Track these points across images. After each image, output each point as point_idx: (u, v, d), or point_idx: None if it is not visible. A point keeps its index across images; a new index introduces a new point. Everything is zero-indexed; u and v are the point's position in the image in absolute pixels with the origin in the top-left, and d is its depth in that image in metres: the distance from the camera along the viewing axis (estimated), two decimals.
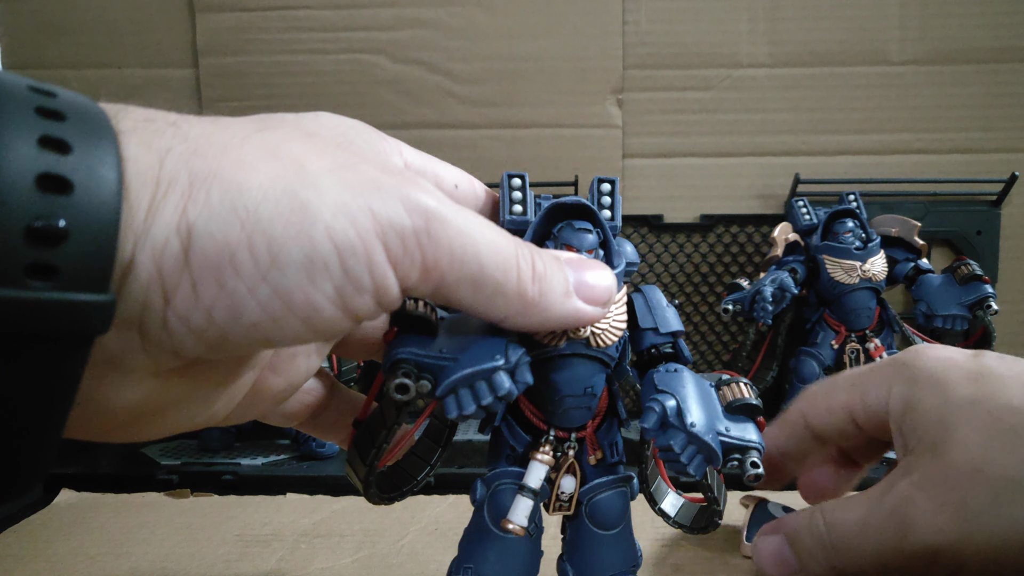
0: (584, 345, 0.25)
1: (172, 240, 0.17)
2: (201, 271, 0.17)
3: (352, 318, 0.19)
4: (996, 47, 0.72)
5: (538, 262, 0.22)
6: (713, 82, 0.73)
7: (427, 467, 0.27)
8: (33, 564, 0.43)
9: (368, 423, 0.26)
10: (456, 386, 0.22)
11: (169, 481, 0.56)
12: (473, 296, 0.21)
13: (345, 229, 0.18)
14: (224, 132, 0.19)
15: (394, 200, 0.19)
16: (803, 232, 0.65)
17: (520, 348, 0.23)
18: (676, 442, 0.25)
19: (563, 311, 0.22)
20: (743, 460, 0.25)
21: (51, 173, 0.15)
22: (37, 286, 0.15)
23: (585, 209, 0.26)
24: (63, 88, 0.17)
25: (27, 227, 0.15)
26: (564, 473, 0.27)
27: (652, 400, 0.25)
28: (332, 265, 0.18)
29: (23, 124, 0.15)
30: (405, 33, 0.73)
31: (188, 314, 0.17)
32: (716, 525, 0.31)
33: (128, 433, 0.21)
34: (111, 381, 0.18)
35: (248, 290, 0.17)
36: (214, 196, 0.17)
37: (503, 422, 0.28)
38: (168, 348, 0.18)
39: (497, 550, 0.27)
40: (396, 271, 0.19)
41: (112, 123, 0.17)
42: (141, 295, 0.17)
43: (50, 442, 0.16)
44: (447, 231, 0.19)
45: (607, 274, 0.24)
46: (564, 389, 0.26)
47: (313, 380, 0.29)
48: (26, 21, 0.74)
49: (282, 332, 0.19)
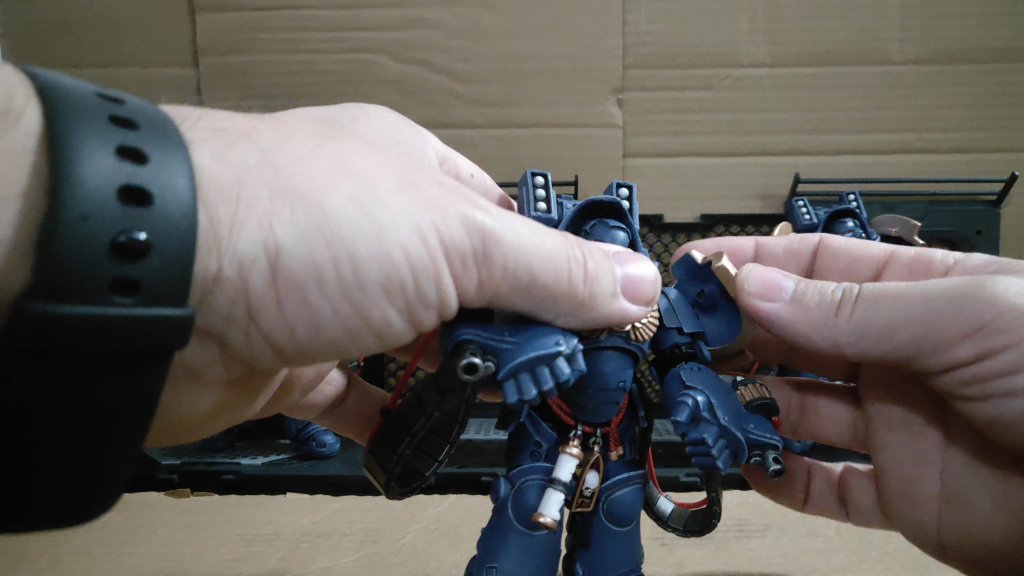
0: (624, 339, 0.26)
1: (259, 257, 0.17)
2: (287, 288, 0.17)
3: (416, 331, 0.20)
4: (996, 47, 0.72)
5: (590, 261, 0.22)
6: (713, 82, 0.73)
7: (435, 463, 0.27)
8: (34, 564, 0.43)
9: (401, 410, 0.26)
10: (518, 370, 0.22)
11: (170, 481, 0.56)
12: (525, 303, 0.21)
13: (418, 249, 0.19)
14: (293, 141, 0.19)
15: (455, 220, 0.19)
16: (803, 231, 0.65)
17: (574, 336, 0.23)
18: (709, 435, 0.25)
19: (610, 311, 0.23)
20: (764, 456, 0.26)
21: (132, 185, 0.15)
22: (122, 302, 0.14)
23: (617, 208, 0.27)
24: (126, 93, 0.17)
25: (112, 241, 0.14)
26: (589, 469, 0.27)
27: (684, 395, 0.26)
28: (407, 283, 0.19)
29: (100, 134, 0.15)
30: (407, 33, 0.73)
31: (271, 330, 0.18)
32: (713, 527, 0.31)
33: (187, 437, 0.21)
34: (188, 392, 0.18)
35: (332, 308, 0.18)
36: (298, 215, 0.17)
37: (527, 418, 0.28)
38: (245, 360, 0.18)
39: (521, 548, 0.27)
40: (457, 287, 0.20)
41: (181, 131, 0.17)
42: (226, 309, 0.17)
43: (132, 456, 0.16)
44: (502, 248, 0.20)
45: (651, 271, 0.24)
46: (599, 382, 0.26)
47: (335, 371, 0.29)
48: (27, 20, 0.74)
49: (356, 347, 0.19)
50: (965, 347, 0.22)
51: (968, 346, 0.22)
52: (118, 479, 0.16)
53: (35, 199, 0.14)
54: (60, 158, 0.14)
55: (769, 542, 0.44)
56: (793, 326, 0.25)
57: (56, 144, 0.14)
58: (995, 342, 0.22)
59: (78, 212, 0.14)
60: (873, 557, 0.42)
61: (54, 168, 0.14)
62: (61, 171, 0.14)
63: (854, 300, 0.24)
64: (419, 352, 0.27)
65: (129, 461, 0.16)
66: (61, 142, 0.14)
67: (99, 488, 0.16)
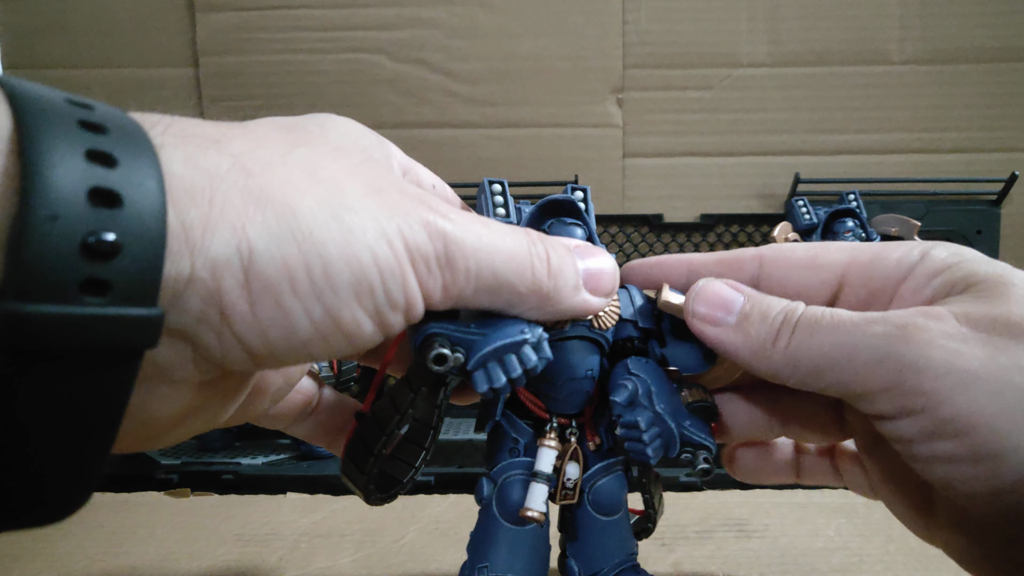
0: (587, 328, 0.27)
1: (232, 259, 0.17)
2: (260, 290, 0.18)
3: (384, 333, 0.21)
4: (996, 47, 0.72)
5: (553, 256, 0.23)
6: (713, 81, 0.73)
7: (412, 470, 0.27)
8: (33, 564, 0.43)
9: (375, 412, 0.26)
10: (487, 359, 0.23)
11: (169, 480, 0.56)
12: (491, 301, 0.22)
13: (385, 252, 0.19)
14: (263, 148, 0.19)
15: (418, 225, 0.20)
16: (803, 231, 0.65)
17: (539, 326, 0.24)
18: (643, 419, 0.26)
19: (573, 303, 0.24)
20: (695, 456, 0.26)
21: (101, 187, 0.15)
22: (92, 302, 0.15)
23: (573, 206, 0.28)
24: (93, 98, 0.17)
25: (82, 242, 0.14)
26: (568, 460, 0.28)
27: (626, 378, 0.27)
28: (376, 285, 0.19)
29: (69, 138, 0.15)
30: (405, 32, 0.73)
31: (244, 331, 0.18)
32: (649, 532, 0.32)
33: (155, 442, 0.22)
34: (159, 393, 0.19)
35: (304, 310, 0.18)
36: (271, 218, 0.18)
37: (503, 417, 0.28)
38: (217, 361, 0.19)
39: (510, 544, 0.27)
40: (422, 290, 0.20)
41: (149, 136, 0.17)
42: (199, 310, 0.17)
43: (102, 455, 0.16)
44: (463, 252, 0.21)
45: (611, 263, 0.25)
46: (567, 372, 0.27)
47: (305, 379, 0.30)
48: (25, 20, 0.74)
49: (328, 349, 0.20)
50: (885, 401, 0.22)
51: (886, 401, 0.22)
52: (88, 479, 0.17)
53: (5, 201, 0.14)
54: (30, 160, 0.14)
55: (769, 542, 0.44)
56: (736, 353, 0.25)
57: (26, 147, 0.14)
58: (913, 403, 0.21)
59: (48, 213, 0.14)
60: (873, 557, 0.42)
61: (24, 170, 0.14)
62: (31, 173, 0.14)
63: (792, 330, 0.24)
64: (390, 355, 0.27)
65: (99, 460, 0.16)
66: (31, 145, 0.14)
67: (69, 487, 0.16)
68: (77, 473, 0.16)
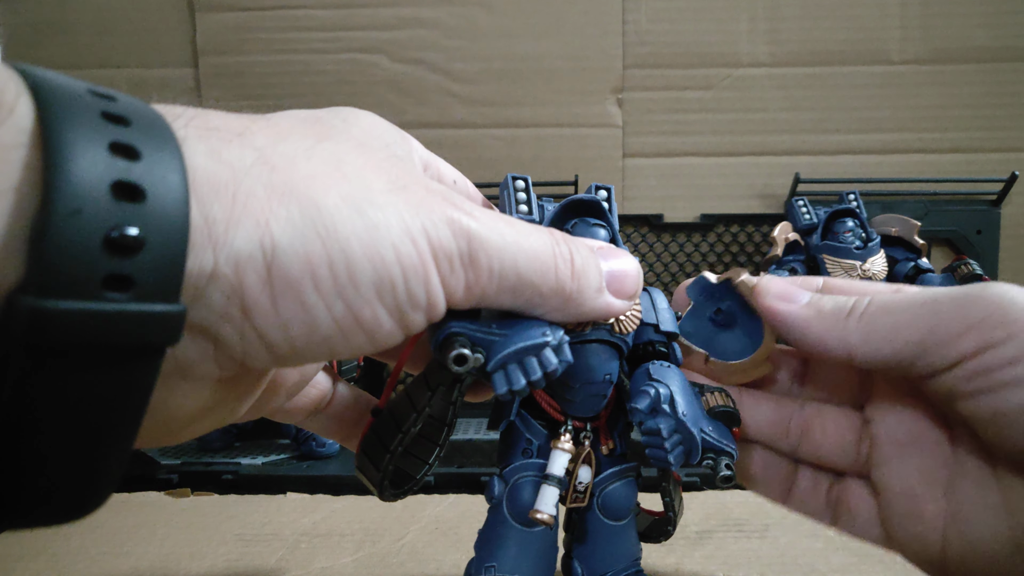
0: (608, 331, 0.26)
1: (256, 254, 0.17)
2: (283, 286, 0.17)
3: (405, 332, 0.20)
4: (996, 47, 0.72)
5: (577, 257, 0.23)
6: (713, 81, 0.73)
7: (426, 466, 0.27)
8: (33, 564, 0.43)
9: (392, 408, 0.26)
10: (507, 361, 0.22)
11: (169, 480, 0.56)
12: (513, 301, 0.22)
13: (409, 250, 0.19)
14: (287, 141, 0.19)
15: (442, 223, 0.20)
16: (803, 231, 0.65)
17: (560, 328, 0.23)
18: (665, 426, 0.25)
19: (596, 305, 0.24)
20: (717, 462, 0.26)
21: (124, 181, 0.15)
22: (115, 297, 0.14)
23: (597, 206, 0.28)
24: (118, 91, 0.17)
25: (105, 237, 0.14)
26: (581, 463, 0.28)
27: (647, 385, 0.26)
28: (397, 283, 0.19)
29: (92, 130, 0.15)
30: (405, 33, 0.73)
31: (265, 328, 0.18)
32: (669, 535, 0.32)
33: (172, 438, 0.21)
34: (179, 389, 0.18)
35: (326, 307, 0.18)
36: (295, 213, 0.17)
37: (517, 417, 0.28)
38: (238, 358, 0.18)
39: (518, 544, 0.27)
40: (444, 289, 0.20)
41: (172, 128, 0.16)
42: (221, 306, 0.17)
43: (124, 452, 0.16)
44: (487, 250, 0.20)
45: (634, 265, 0.25)
46: (585, 375, 0.27)
47: (320, 374, 0.29)
48: (25, 20, 0.74)
49: (348, 346, 0.19)
50: (967, 340, 0.23)
51: (970, 339, 0.23)
52: (109, 476, 0.16)
53: (27, 194, 0.14)
54: (53, 153, 0.14)
55: (769, 542, 0.44)
56: (808, 327, 0.26)
57: (49, 139, 0.14)
58: (996, 334, 0.23)
59: (71, 207, 0.14)
60: (873, 557, 0.42)
61: (47, 162, 0.14)
62: (54, 165, 0.14)
63: (864, 306, 0.26)
64: (407, 351, 0.27)
65: (121, 458, 0.16)
66: (54, 137, 0.14)
67: (90, 484, 0.16)
68: (96, 471, 0.16)
